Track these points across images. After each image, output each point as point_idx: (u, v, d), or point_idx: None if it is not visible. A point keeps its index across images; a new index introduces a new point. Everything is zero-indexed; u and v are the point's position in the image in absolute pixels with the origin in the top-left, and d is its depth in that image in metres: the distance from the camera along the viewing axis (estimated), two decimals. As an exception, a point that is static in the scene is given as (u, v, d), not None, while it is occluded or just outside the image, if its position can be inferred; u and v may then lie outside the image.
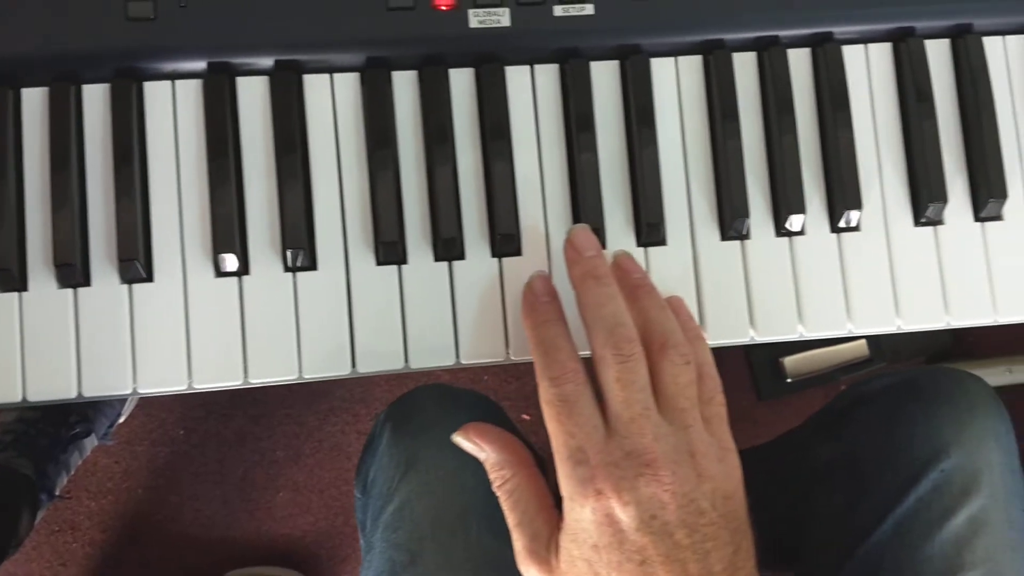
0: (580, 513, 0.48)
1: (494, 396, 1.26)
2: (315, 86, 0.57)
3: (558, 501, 0.51)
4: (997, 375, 1.32)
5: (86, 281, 0.54)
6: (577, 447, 0.48)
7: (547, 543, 0.50)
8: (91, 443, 1.16)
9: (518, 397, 1.29)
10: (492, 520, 0.66)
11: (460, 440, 0.55)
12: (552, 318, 0.53)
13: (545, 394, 0.50)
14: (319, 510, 1.27)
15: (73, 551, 1.25)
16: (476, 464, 0.61)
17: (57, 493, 1.10)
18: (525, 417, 1.28)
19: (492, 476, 0.53)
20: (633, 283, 0.54)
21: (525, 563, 0.51)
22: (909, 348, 1.35)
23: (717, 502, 0.48)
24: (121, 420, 1.22)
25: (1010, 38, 0.60)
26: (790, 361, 1.33)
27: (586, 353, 0.51)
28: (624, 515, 0.47)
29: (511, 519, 0.52)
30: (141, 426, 1.26)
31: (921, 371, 0.76)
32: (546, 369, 0.50)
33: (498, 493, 0.53)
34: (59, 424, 1.11)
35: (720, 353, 0.57)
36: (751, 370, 1.34)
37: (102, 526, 1.26)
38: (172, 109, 0.56)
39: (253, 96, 0.56)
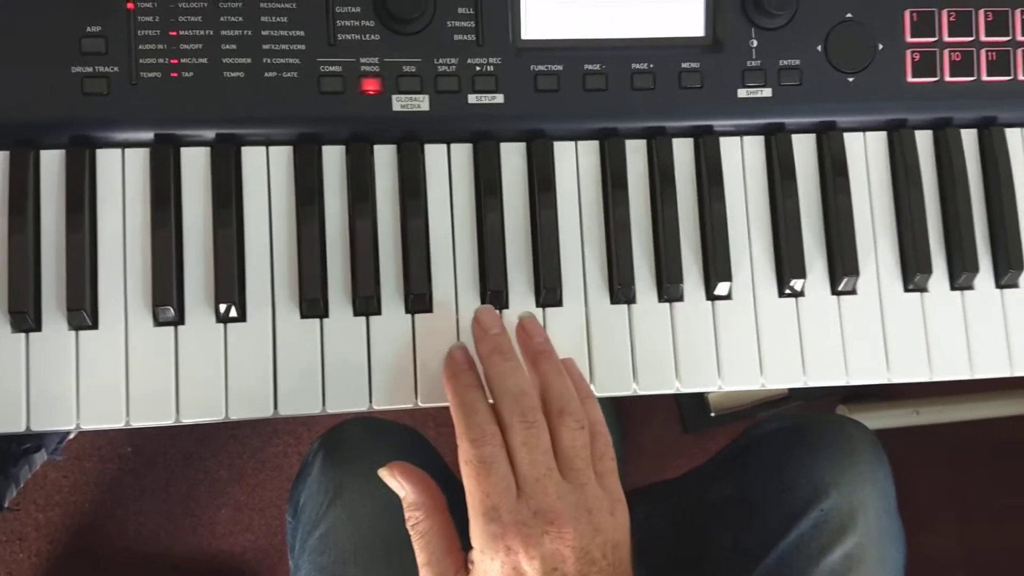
0: (490, 564, 0.53)
1: (432, 422, 1.31)
2: (252, 157, 0.63)
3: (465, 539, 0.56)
4: (905, 416, 1.38)
5: (37, 327, 0.60)
6: (492, 506, 0.53)
7: None
8: (41, 458, 1.19)
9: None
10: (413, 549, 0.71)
11: (385, 476, 0.60)
12: (472, 383, 0.59)
13: (465, 454, 0.55)
14: (259, 528, 1.31)
15: (20, 561, 1.28)
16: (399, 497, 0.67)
17: (6, 505, 1.12)
18: (461, 443, 1.32)
19: (408, 515, 0.58)
20: (536, 348, 0.60)
21: None
22: (825, 388, 1.42)
23: (607, 552, 0.55)
24: (71, 436, 1.25)
25: (869, 134, 0.68)
26: (715, 396, 1.38)
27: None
28: (530, 568, 0.52)
29: (421, 557, 0.57)
30: (90, 442, 1.30)
31: (809, 417, 0.82)
32: (467, 431, 0.55)
33: (411, 532, 0.58)
34: (10, 439, 1.13)
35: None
36: (678, 403, 1.40)
37: (49, 538, 1.28)
38: (121, 175, 0.62)
39: (195, 165, 0.63)
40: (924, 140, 0.69)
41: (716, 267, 0.65)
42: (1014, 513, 1.41)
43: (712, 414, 1.38)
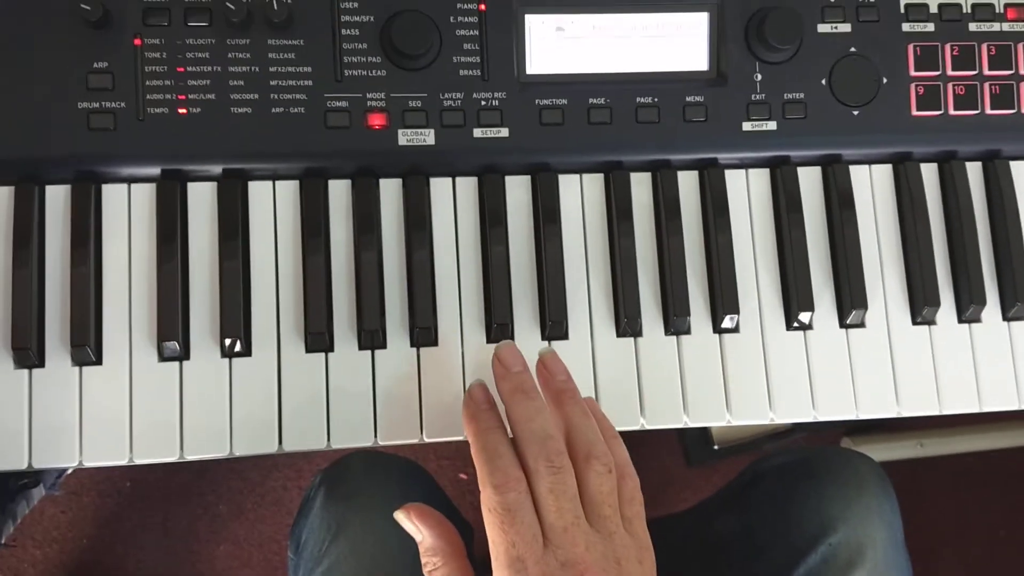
0: None
1: (434, 455, 1.31)
2: (258, 192, 0.64)
3: None
4: (909, 448, 1.38)
5: (40, 363, 0.60)
6: (517, 556, 0.51)
7: None
8: (39, 493, 1.17)
9: (457, 456, 1.34)
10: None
11: (401, 519, 0.58)
12: (493, 425, 0.56)
13: (488, 501, 0.52)
14: (258, 563, 1.30)
15: (16, 599, 1.28)
16: (402, 532, 0.66)
17: (3, 541, 1.11)
18: (462, 476, 1.32)
19: (424, 560, 0.57)
20: (558, 387, 0.58)
21: None
22: (830, 421, 1.41)
23: None
24: (69, 471, 1.25)
25: (874, 167, 0.69)
26: (718, 429, 1.37)
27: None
28: None
29: None
30: (88, 477, 1.29)
31: (815, 451, 0.82)
32: (490, 476, 0.53)
33: None
34: (7, 474, 1.13)
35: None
36: (681, 436, 1.40)
37: (46, 574, 1.28)
38: (127, 209, 0.62)
39: (202, 200, 0.63)
40: (929, 173, 0.69)
41: (723, 300, 0.65)
42: (1019, 543, 1.41)
43: (715, 447, 1.37)
